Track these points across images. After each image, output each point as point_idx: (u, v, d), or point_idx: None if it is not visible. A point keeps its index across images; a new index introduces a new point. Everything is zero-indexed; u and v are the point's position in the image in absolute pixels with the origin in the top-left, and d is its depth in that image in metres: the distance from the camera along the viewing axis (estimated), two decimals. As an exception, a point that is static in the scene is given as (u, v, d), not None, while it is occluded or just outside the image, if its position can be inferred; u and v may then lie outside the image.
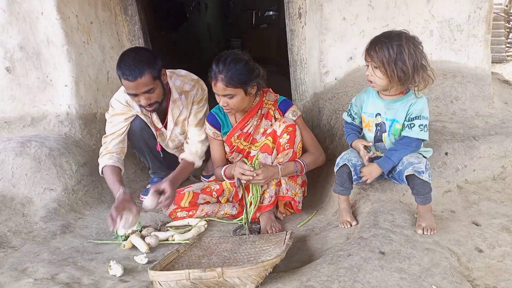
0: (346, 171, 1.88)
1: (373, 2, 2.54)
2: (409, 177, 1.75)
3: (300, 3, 2.86)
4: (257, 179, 2.04)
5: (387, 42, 1.70)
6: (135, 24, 3.11)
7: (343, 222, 1.89)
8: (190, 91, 2.40)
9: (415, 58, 1.68)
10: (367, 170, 1.85)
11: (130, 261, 1.88)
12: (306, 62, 2.95)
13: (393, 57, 1.68)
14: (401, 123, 1.82)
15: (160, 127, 2.48)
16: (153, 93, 2.15)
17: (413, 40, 1.72)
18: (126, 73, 2.05)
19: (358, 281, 1.41)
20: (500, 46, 8.35)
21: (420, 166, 1.72)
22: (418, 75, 1.70)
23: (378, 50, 1.71)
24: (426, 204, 1.75)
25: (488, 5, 2.56)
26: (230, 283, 1.44)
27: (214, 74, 2.03)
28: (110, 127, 2.39)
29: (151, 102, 2.17)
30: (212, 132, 2.30)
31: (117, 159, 2.31)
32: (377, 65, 1.72)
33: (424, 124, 1.78)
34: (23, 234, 2.06)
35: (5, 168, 2.32)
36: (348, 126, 2.02)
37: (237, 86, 2.03)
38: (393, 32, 1.75)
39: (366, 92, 1.94)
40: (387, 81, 1.74)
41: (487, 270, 1.56)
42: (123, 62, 2.08)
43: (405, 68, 1.68)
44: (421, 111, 1.78)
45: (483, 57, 2.63)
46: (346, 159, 1.89)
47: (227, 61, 2.01)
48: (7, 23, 2.60)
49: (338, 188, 1.92)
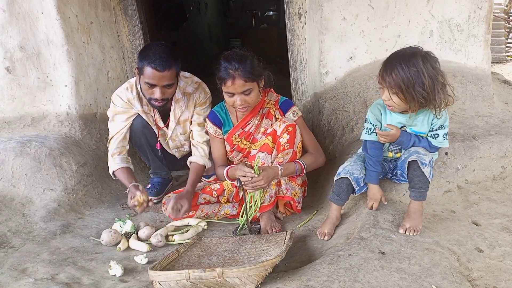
0: (346, 182, 1.85)
1: (373, 2, 2.54)
2: (411, 165, 1.72)
3: (300, 3, 2.86)
4: (259, 184, 2.04)
5: (404, 67, 1.61)
6: (135, 24, 3.11)
7: (321, 233, 1.89)
8: (192, 93, 2.43)
9: (435, 80, 1.61)
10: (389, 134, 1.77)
11: (130, 261, 1.88)
12: (306, 62, 2.95)
13: (412, 82, 1.60)
14: (426, 134, 1.80)
15: (162, 126, 2.49)
16: (170, 88, 2.23)
17: (430, 59, 1.63)
18: (156, 62, 2.10)
19: (358, 281, 1.41)
20: (500, 46, 8.36)
21: (425, 158, 1.70)
22: (439, 97, 1.63)
23: (395, 76, 1.62)
24: (419, 200, 1.72)
25: (488, 5, 2.56)
26: (230, 283, 1.44)
27: (229, 74, 2.03)
28: (114, 127, 2.41)
29: (164, 98, 2.22)
30: (214, 130, 2.31)
31: (123, 159, 2.39)
32: (395, 91, 1.65)
33: (446, 132, 1.78)
34: (23, 234, 2.06)
35: (5, 168, 2.32)
36: (372, 158, 1.84)
37: (254, 80, 2.07)
38: (407, 53, 1.65)
39: (380, 108, 1.84)
40: (406, 105, 1.68)
41: (487, 270, 1.56)
42: (152, 51, 2.14)
43: (425, 94, 1.61)
44: (444, 120, 1.76)
45: (483, 57, 2.63)
46: (348, 171, 1.85)
47: (238, 58, 2.04)
48: (7, 23, 2.60)
49: (334, 197, 1.91)
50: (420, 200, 1.72)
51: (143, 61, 2.15)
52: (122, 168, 2.35)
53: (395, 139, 1.79)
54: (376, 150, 1.84)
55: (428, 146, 1.79)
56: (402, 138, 1.78)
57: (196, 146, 2.42)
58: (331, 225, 1.91)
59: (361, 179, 1.86)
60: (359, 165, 1.87)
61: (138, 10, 3.10)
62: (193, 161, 2.40)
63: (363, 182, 1.87)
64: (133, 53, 3.17)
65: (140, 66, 2.17)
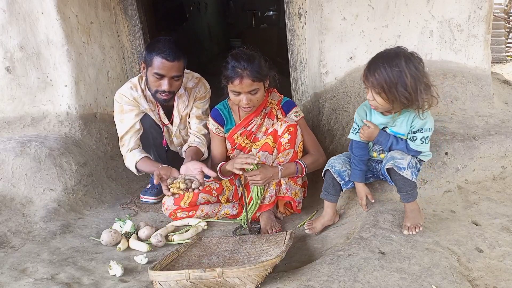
0: (330, 176, 1.89)
1: (373, 2, 2.54)
2: (390, 171, 1.73)
3: (300, 3, 2.86)
4: (255, 179, 2.04)
5: (386, 66, 1.62)
6: (135, 24, 3.12)
7: (309, 224, 1.95)
8: (193, 88, 2.48)
9: (417, 81, 1.61)
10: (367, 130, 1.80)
11: (130, 261, 1.88)
12: (306, 62, 2.95)
13: (394, 82, 1.61)
14: (405, 135, 1.79)
15: (167, 123, 2.51)
16: (178, 81, 2.29)
17: (413, 60, 1.64)
18: (166, 53, 2.17)
19: (358, 281, 1.41)
20: (500, 46, 8.36)
21: (401, 162, 1.69)
22: (422, 97, 1.63)
23: (378, 76, 1.64)
24: (409, 202, 1.72)
25: (488, 5, 2.56)
26: (230, 283, 1.44)
27: (237, 73, 2.02)
28: (123, 126, 2.41)
29: (171, 90, 2.26)
30: (215, 128, 2.31)
31: (141, 151, 2.41)
32: (378, 91, 1.66)
33: (426, 136, 1.75)
34: (23, 234, 2.06)
35: (5, 168, 2.32)
36: (356, 157, 1.86)
37: (261, 80, 2.08)
38: (390, 53, 1.66)
39: (366, 108, 1.87)
40: (389, 105, 1.69)
41: (487, 270, 1.56)
42: (162, 44, 2.21)
43: (407, 94, 1.61)
44: (423, 123, 1.73)
45: (483, 57, 2.63)
46: (329, 164, 1.90)
47: (247, 58, 2.04)
48: (7, 23, 2.60)
49: (323, 192, 1.93)
50: (410, 201, 1.72)
51: (152, 53, 2.20)
52: (144, 158, 2.36)
53: (374, 137, 1.81)
54: (360, 150, 1.87)
55: (405, 148, 1.77)
56: (379, 138, 1.80)
57: (196, 135, 2.46)
58: (319, 223, 1.95)
59: (345, 173, 1.88)
60: (342, 159, 1.91)
61: (138, 10, 3.11)
62: (192, 144, 2.42)
63: (347, 176, 1.88)
64: (133, 53, 3.18)
65: (149, 58, 2.21)
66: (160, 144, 2.54)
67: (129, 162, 2.39)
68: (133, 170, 2.40)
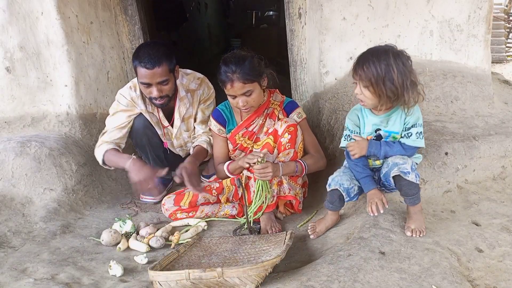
0: (337, 193, 1.84)
1: (373, 2, 2.54)
2: (396, 178, 1.72)
3: (300, 3, 2.86)
4: (266, 171, 2.00)
5: (375, 61, 1.65)
6: (135, 24, 3.12)
7: (312, 227, 1.94)
8: (196, 90, 2.45)
9: (404, 76, 1.64)
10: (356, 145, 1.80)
11: (130, 261, 1.88)
12: (306, 62, 2.95)
13: (381, 76, 1.64)
14: (399, 134, 1.79)
15: (167, 125, 2.50)
16: (167, 85, 2.22)
17: (402, 56, 1.67)
18: (144, 61, 2.12)
19: (358, 281, 1.41)
20: (500, 46, 8.35)
21: (405, 166, 1.69)
22: (408, 93, 1.66)
23: (366, 69, 1.67)
24: (415, 204, 1.72)
25: (488, 5, 2.56)
26: (230, 283, 1.44)
27: (228, 77, 2.03)
28: (111, 122, 2.42)
29: (163, 95, 2.23)
30: (217, 129, 2.31)
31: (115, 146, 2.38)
32: (366, 84, 1.69)
33: (420, 131, 1.76)
34: (23, 234, 2.06)
35: (5, 168, 2.32)
36: (357, 165, 1.82)
37: (253, 80, 2.06)
38: (380, 49, 1.69)
39: (357, 112, 1.87)
40: (376, 100, 1.71)
41: (487, 270, 1.56)
42: (142, 51, 2.16)
43: (394, 88, 1.64)
44: (417, 119, 1.76)
45: (483, 57, 2.63)
46: (337, 182, 1.83)
47: (236, 60, 2.04)
48: (7, 23, 2.59)
49: (328, 204, 1.91)
50: (416, 204, 1.72)
51: (135, 62, 2.19)
52: (113, 149, 2.34)
53: (365, 150, 1.79)
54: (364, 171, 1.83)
55: (402, 150, 1.77)
56: (370, 149, 1.78)
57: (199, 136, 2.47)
58: (323, 226, 1.94)
59: (351, 189, 1.84)
60: (347, 175, 1.86)
61: (138, 10, 3.11)
62: (197, 144, 2.42)
63: (353, 192, 1.85)
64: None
65: (134, 67, 2.21)
66: (156, 144, 2.54)
67: (98, 154, 2.38)
68: (101, 162, 2.39)
